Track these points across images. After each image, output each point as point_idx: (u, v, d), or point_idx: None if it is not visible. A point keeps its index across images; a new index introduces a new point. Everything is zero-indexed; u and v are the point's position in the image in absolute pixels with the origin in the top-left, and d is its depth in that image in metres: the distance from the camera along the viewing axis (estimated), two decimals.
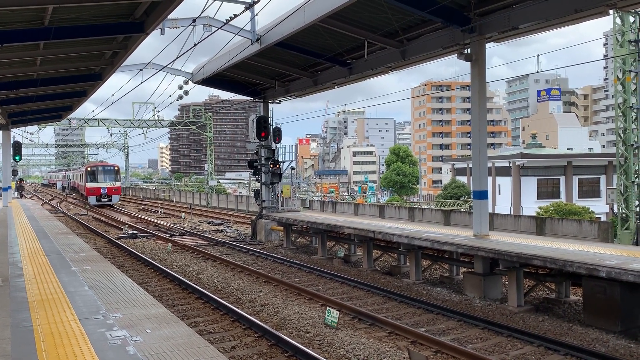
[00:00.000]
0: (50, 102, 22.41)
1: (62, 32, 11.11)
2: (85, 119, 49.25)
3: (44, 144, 67.92)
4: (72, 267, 10.37)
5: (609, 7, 11.46)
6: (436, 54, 15.48)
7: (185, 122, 55.65)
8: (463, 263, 13.93)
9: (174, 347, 5.68)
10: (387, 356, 8.52)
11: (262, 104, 24.54)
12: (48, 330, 6.30)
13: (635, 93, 19.47)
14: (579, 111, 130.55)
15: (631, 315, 9.69)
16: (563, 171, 52.64)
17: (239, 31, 16.69)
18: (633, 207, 19.01)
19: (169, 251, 20.35)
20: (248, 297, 12.82)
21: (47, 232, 16.94)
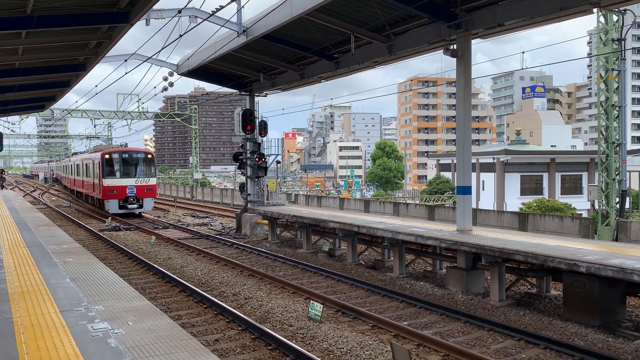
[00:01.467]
0: (32, 92, 22.06)
1: (44, 21, 10.92)
2: (69, 110, 48.32)
3: (26, 135, 66.82)
4: (54, 259, 10.26)
5: (593, 6, 11.59)
6: (422, 50, 15.53)
7: (170, 114, 55.21)
8: (446, 258, 14.04)
9: (156, 340, 5.66)
10: (369, 349, 8.57)
11: (248, 97, 24.43)
12: (28, 322, 6.24)
13: (617, 91, 19.72)
14: (563, 109, 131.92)
15: (609, 310, 9.86)
16: (546, 168, 53.26)
17: (225, 23, 16.57)
18: (613, 203, 19.29)
19: (152, 244, 20.22)
20: (232, 290, 12.80)
21: (29, 224, 16.73)
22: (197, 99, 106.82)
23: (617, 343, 8.94)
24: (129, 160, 30.10)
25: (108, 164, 29.35)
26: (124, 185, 29.24)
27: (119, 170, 29.40)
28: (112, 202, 29.16)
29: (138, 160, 30.33)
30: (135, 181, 29.49)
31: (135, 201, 29.50)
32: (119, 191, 29.08)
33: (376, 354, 8.38)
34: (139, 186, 29.65)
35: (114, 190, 29.02)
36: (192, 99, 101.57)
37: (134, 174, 29.83)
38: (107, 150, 30.73)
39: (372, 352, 8.44)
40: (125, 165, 29.75)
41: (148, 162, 30.73)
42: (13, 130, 57.82)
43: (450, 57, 13.79)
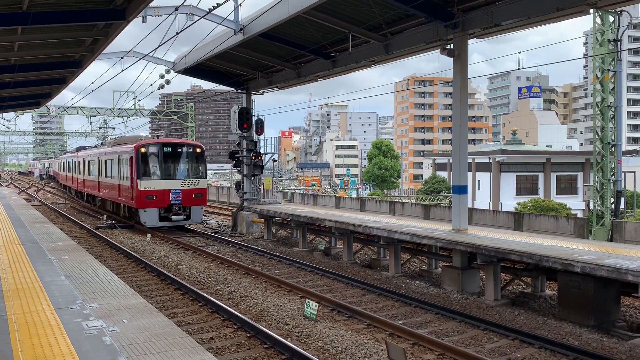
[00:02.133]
0: (28, 89, 21.97)
1: (40, 17, 10.88)
2: (64, 107, 48.06)
3: (22, 132, 66.59)
4: (49, 257, 10.23)
5: (590, 6, 11.62)
6: (419, 49, 15.54)
7: (167, 112, 55.10)
8: (442, 257, 14.06)
9: (152, 338, 5.65)
10: (365, 348, 8.58)
11: (245, 95, 24.40)
12: (23, 319, 6.22)
13: (613, 92, 19.76)
14: (559, 109, 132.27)
15: (604, 309, 9.90)
16: (542, 168, 53.41)
17: (222, 21, 16.55)
18: (608, 204, 19.35)
19: (148, 242, 20.19)
20: (228, 288, 12.79)
21: (24, 221, 16.68)
22: (194, 96, 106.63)
23: (611, 343, 8.97)
24: (173, 156, 22.94)
25: (145, 161, 22.24)
26: (167, 190, 22.00)
27: (160, 169, 22.33)
28: (151, 212, 21.97)
29: (184, 156, 23.24)
30: (182, 184, 22.48)
31: (182, 210, 22.44)
32: (159, 197, 21.91)
33: (371, 352, 8.39)
34: (186, 190, 22.46)
35: (153, 196, 21.82)
36: (188, 96, 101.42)
37: (179, 174, 22.89)
38: (144, 142, 23.43)
39: (368, 351, 8.45)
40: (167, 163, 22.74)
41: (197, 158, 23.46)
42: (8, 127, 57.62)
43: (447, 57, 13.81)
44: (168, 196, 22.18)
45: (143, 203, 21.98)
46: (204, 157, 23.91)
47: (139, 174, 22.02)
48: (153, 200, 21.98)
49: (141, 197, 21.89)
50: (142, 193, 21.88)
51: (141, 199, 21.91)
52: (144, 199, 21.87)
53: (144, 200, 21.91)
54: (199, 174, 23.29)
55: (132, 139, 27.62)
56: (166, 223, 22.48)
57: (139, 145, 22.48)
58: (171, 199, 22.22)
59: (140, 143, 23.04)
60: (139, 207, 22.15)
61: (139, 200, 22.02)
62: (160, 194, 22.07)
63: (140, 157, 22.19)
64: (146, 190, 21.89)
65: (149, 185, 21.98)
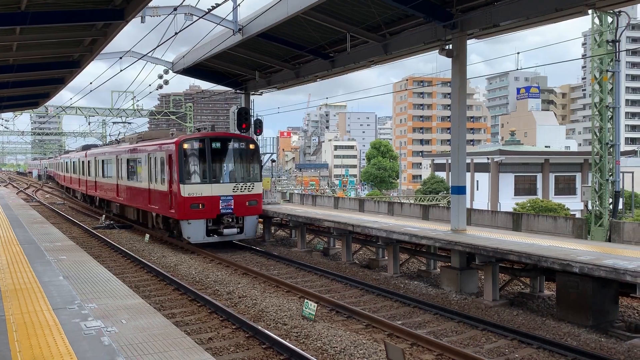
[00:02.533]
0: (26, 89, 21.94)
1: (39, 17, 10.87)
2: (63, 107, 48.03)
3: (20, 132, 66.53)
4: (47, 257, 10.22)
5: (588, 7, 11.65)
6: (418, 49, 15.55)
7: (165, 112, 55.07)
8: (440, 257, 14.07)
9: (150, 338, 5.65)
10: (363, 348, 8.58)
11: (244, 95, 24.40)
12: (21, 320, 6.21)
13: (611, 92, 19.80)
14: (557, 109, 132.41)
15: (602, 310, 9.91)
16: (540, 168, 53.46)
17: (220, 21, 16.55)
18: (607, 204, 19.38)
19: (146, 242, 20.16)
20: (226, 289, 12.78)
21: (22, 221, 16.67)
22: (193, 97, 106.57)
23: (609, 343, 8.98)
24: (223, 154, 18.62)
25: (190, 160, 18.10)
26: (216, 197, 17.91)
27: (208, 171, 18.10)
28: (196, 224, 17.66)
29: (237, 154, 18.94)
30: (234, 188, 18.29)
31: (234, 222, 18.24)
32: (208, 206, 17.73)
33: (370, 353, 8.40)
34: (239, 197, 18.31)
35: (200, 205, 17.61)
36: (187, 97, 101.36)
37: (230, 176, 18.68)
38: (187, 136, 19.02)
39: (366, 351, 8.45)
40: (216, 162, 18.50)
41: (251, 156, 19.21)
42: (7, 127, 57.56)
43: (445, 57, 13.83)
44: (218, 204, 17.86)
45: (187, 213, 17.50)
46: (259, 154, 19.80)
47: (182, 177, 17.56)
48: (199, 210, 17.58)
49: (185, 205, 17.40)
50: (186, 201, 17.36)
51: (184, 208, 17.44)
52: (188, 208, 17.41)
53: (188, 210, 17.44)
54: (253, 175, 19.04)
55: (161, 134, 23.70)
56: (214, 238, 18.01)
57: (182, 140, 17.95)
58: (221, 208, 17.91)
59: (183, 137, 18.45)
60: (181, 217, 17.62)
61: (181, 209, 17.53)
62: (209, 201, 17.72)
63: (184, 155, 17.75)
64: (191, 197, 17.47)
65: (195, 190, 17.61)
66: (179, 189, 17.60)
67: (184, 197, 17.45)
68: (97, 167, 29.99)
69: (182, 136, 18.99)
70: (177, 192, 17.70)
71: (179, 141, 18.02)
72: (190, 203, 17.49)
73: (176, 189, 17.75)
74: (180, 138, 18.40)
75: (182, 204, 17.46)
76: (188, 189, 17.59)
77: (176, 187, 17.75)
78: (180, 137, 18.62)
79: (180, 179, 17.60)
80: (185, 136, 18.91)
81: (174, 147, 18.06)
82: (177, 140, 18.21)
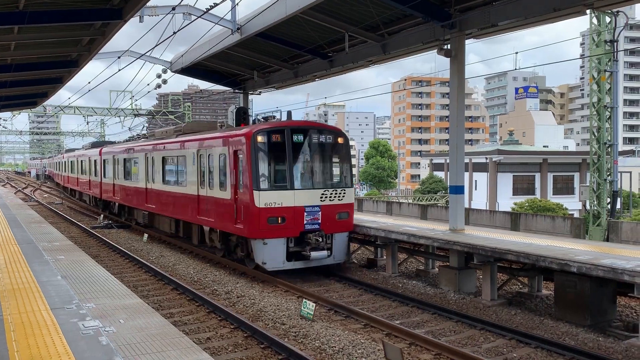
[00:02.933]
0: (24, 89, 21.92)
1: (37, 16, 10.86)
2: (61, 107, 47.95)
3: (18, 131, 66.43)
4: (45, 257, 10.21)
5: (586, 7, 11.66)
6: (417, 49, 15.57)
7: (164, 112, 55.05)
8: (438, 257, 14.07)
9: (148, 338, 5.64)
10: (362, 348, 8.58)
11: (242, 95, 24.40)
12: (19, 320, 6.20)
13: (609, 92, 19.83)
14: (556, 109, 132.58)
15: (600, 309, 9.92)
16: (538, 168, 53.51)
17: (219, 20, 16.53)
18: (604, 204, 19.41)
19: (145, 242, 20.15)
20: (224, 288, 12.78)
21: (20, 221, 16.65)
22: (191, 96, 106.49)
23: (607, 342, 9.00)
24: (309, 149, 14.23)
25: (267, 157, 13.78)
26: (299, 207, 13.53)
27: (289, 172, 13.72)
28: (274, 244, 13.35)
29: (323, 149, 14.49)
30: (322, 196, 13.91)
31: (323, 241, 13.73)
32: (290, 220, 13.43)
33: (368, 352, 8.40)
34: (327, 208, 13.94)
35: (279, 218, 13.33)
36: (185, 96, 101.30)
37: (316, 179, 14.33)
38: (262, 126, 13.96)
39: (365, 351, 8.45)
40: (300, 161, 14.12)
41: (341, 152, 14.75)
42: (5, 126, 57.49)
43: (444, 57, 13.84)
44: (302, 218, 13.43)
45: (262, 230, 13.12)
46: (349, 150, 14.96)
47: (256, 181, 13.13)
48: (279, 226, 13.22)
49: (260, 219, 13.07)
50: (262, 213, 13.07)
51: (260, 222, 13.08)
52: (264, 222, 13.06)
53: (265, 226, 13.09)
54: (344, 179, 14.60)
55: (206, 126, 19.19)
56: (297, 263, 13.58)
57: (256, 132, 13.38)
58: (306, 223, 13.47)
59: (256, 128, 13.69)
60: (254, 235, 13.23)
61: (255, 224, 13.15)
62: (291, 214, 13.32)
63: (259, 152, 13.34)
64: (269, 209, 13.10)
65: (274, 199, 13.20)
66: (251, 197, 13.16)
67: (258, 209, 13.06)
68: (116, 167, 25.53)
69: (254, 126, 14.07)
70: (248, 201, 13.27)
71: (251, 132, 13.38)
72: (268, 216, 13.09)
73: (247, 198, 13.34)
74: (253, 128, 13.64)
75: (257, 217, 13.08)
76: (265, 197, 13.14)
77: (247, 194, 13.35)
78: (252, 128, 13.83)
79: (254, 183, 13.15)
80: (258, 126, 13.88)
81: (244, 140, 13.50)
82: (249, 131, 13.53)
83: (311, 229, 13.60)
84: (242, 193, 13.72)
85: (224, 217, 14.64)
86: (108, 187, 27.33)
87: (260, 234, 13.24)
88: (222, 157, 14.77)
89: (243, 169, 13.65)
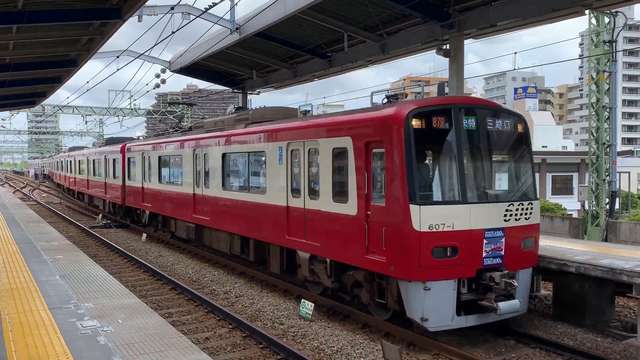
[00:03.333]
0: (23, 88, 21.89)
1: (36, 16, 10.85)
2: (60, 106, 47.88)
3: (17, 131, 66.39)
4: (44, 256, 10.20)
5: (585, 7, 11.68)
6: (416, 49, 15.59)
7: (163, 112, 55.01)
8: None
9: (146, 338, 5.64)
10: (360, 348, 8.58)
11: (241, 94, 24.40)
12: (17, 319, 6.19)
13: (608, 93, 19.83)
14: (555, 109, 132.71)
15: (598, 309, 9.93)
16: (537, 168, 53.53)
17: (218, 20, 16.52)
18: (603, 204, 19.42)
19: (143, 242, 20.13)
20: (223, 288, 12.77)
21: (18, 220, 16.64)
22: (190, 96, 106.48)
23: (605, 342, 9.00)
24: (486, 140, 9.66)
25: (426, 152, 9.62)
26: (478, 231, 8.83)
27: (461, 176, 8.99)
28: (441, 289, 8.60)
29: (506, 141, 10.03)
30: (505, 214, 9.18)
31: (509, 283, 8.73)
32: (463, 249, 8.70)
33: (367, 352, 8.40)
34: (512, 230, 9.24)
35: (449, 249, 8.66)
36: (184, 96, 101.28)
37: (494, 187, 9.96)
38: (417, 103, 9.10)
39: (363, 351, 8.45)
40: (475, 159, 9.36)
41: (520, 145, 10.09)
42: (3, 126, 57.46)
43: (442, 57, 13.85)
44: (480, 247, 8.94)
45: (425, 267, 8.61)
46: (530, 143, 10.40)
47: (412, 189, 8.63)
48: (448, 261, 8.73)
49: (421, 249, 8.57)
50: (424, 240, 8.58)
51: (421, 254, 8.58)
52: (427, 255, 8.59)
53: (429, 260, 8.60)
54: (529, 187, 10.01)
55: (285, 112, 14.55)
56: (473, 318, 9.00)
57: (411, 112, 8.83)
58: (485, 256, 8.96)
59: (408, 107, 8.99)
60: (411, 277, 8.67)
61: (410, 257, 8.63)
62: (465, 241, 8.80)
63: (415, 143, 8.76)
64: (434, 233, 8.62)
65: (441, 218, 8.69)
66: (405, 214, 8.56)
67: (418, 233, 8.50)
68: (147, 167, 21.22)
69: (403, 104, 9.16)
70: (399, 221, 8.70)
71: (402, 113, 8.81)
72: (434, 246, 8.56)
73: (397, 216, 8.75)
74: (402, 108, 8.96)
75: (415, 246, 8.52)
76: (429, 215, 8.56)
77: (396, 210, 8.76)
78: (400, 107, 9.06)
79: (411, 193, 8.57)
80: (411, 103, 9.15)
81: (391, 124, 8.93)
82: (398, 111, 8.94)
83: (491, 264, 8.91)
84: (385, 208, 8.94)
85: (342, 241, 10.05)
86: (134, 192, 22.64)
87: (420, 274, 8.51)
88: (339, 153, 10.12)
89: (388, 170, 8.89)
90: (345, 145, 9.89)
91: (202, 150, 16.08)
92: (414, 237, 8.46)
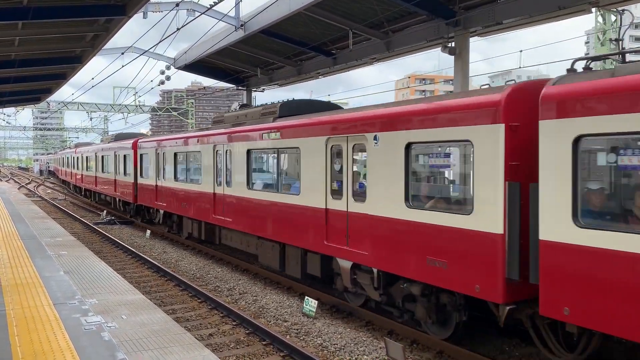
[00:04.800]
0: (28, 84, 21.96)
1: (41, 12, 10.87)
2: (65, 103, 48.04)
3: (22, 127, 66.69)
4: (48, 252, 10.24)
5: (592, 5, 11.60)
6: (421, 47, 15.54)
7: (167, 108, 55.11)
8: None
9: (150, 334, 5.65)
10: (364, 345, 8.58)
11: (245, 92, 24.40)
12: (21, 314, 6.22)
13: None
14: None
15: None
16: None
17: (222, 17, 16.54)
18: None
19: (147, 238, 20.18)
20: (227, 285, 12.79)
21: (23, 216, 16.70)
22: (194, 93, 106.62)
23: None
24: None
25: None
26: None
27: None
28: None
29: None
30: None
31: None
32: None
33: (370, 350, 8.39)
34: None
35: None
36: (189, 93, 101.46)
37: None
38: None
39: (367, 349, 8.45)
40: None
41: None
42: (8, 122, 57.69)
43: (447, 55, 13.81)
44: None
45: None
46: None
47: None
48: None
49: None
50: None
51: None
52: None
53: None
54: None
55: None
56: None
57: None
58: None
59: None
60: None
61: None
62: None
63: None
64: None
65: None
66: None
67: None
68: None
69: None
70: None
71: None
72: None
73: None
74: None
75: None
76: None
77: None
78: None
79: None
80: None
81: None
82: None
83: None
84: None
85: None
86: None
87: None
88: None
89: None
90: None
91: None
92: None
